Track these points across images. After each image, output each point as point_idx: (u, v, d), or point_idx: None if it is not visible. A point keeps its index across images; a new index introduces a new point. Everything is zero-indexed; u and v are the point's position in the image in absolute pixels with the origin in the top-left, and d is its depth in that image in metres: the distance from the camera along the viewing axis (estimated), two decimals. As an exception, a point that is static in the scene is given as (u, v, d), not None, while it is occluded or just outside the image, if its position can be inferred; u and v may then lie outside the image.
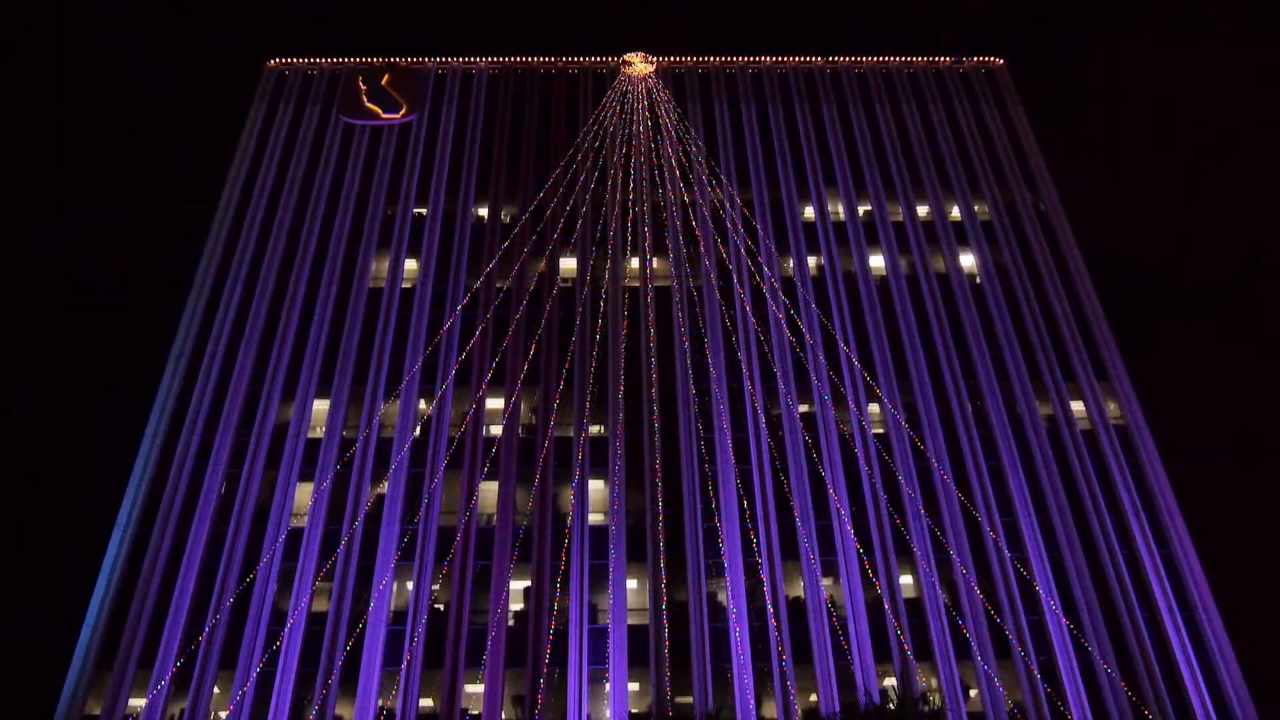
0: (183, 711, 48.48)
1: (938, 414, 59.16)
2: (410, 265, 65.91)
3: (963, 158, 73.13)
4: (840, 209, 69.76)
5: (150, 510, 54.37)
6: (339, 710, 48.60)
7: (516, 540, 53.28)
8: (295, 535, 53.51)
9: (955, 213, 70.00)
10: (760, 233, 67.32)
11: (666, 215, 68.15)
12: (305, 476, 55.98)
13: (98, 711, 48.41)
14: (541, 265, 65.08)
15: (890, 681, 49.23)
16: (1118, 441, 58.47)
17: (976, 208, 70.33)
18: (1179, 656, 50.68)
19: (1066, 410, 59.67)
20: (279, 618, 51.03)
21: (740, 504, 54.69)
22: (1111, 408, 60.30)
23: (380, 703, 48.25)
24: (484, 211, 68.99)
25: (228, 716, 48.02)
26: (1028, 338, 62.94)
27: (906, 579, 53.33)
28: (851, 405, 59.02)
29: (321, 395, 59.27)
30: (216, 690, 49.29)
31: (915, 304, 64.53)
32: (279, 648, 49.82)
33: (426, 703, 48.88)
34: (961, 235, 68.71)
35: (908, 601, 52.28)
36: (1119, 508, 55.82)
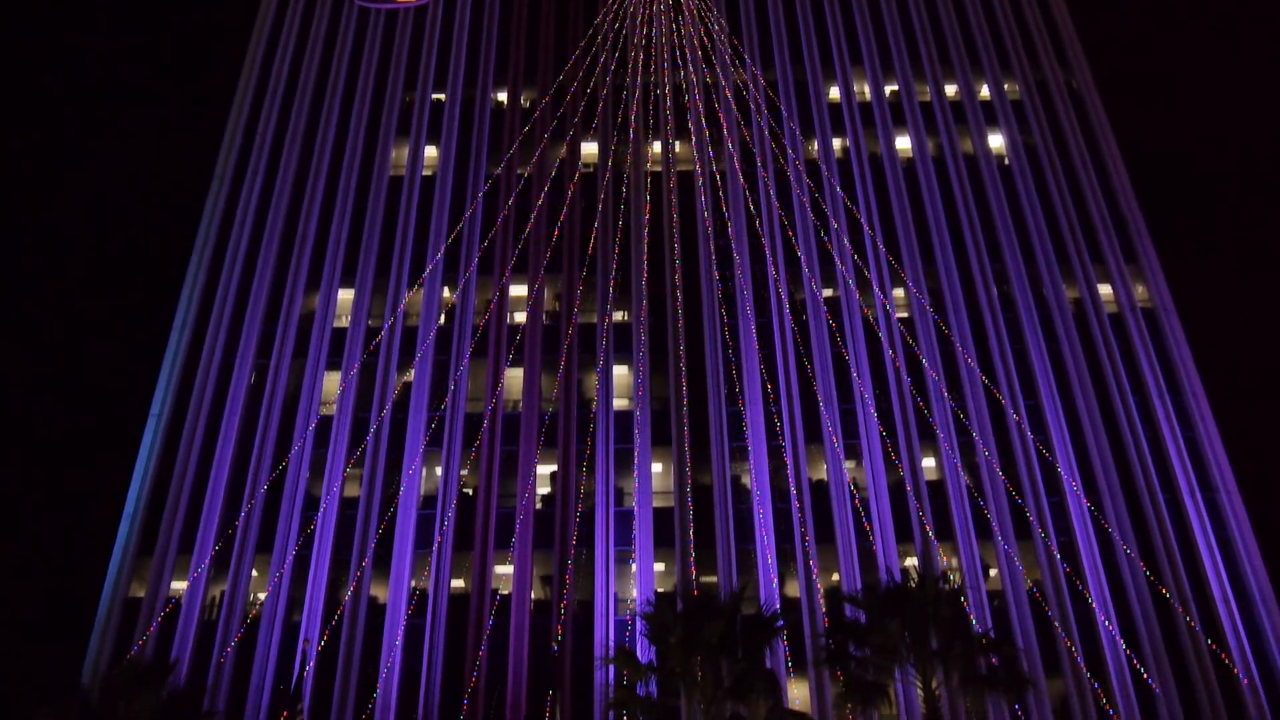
0: (223, 594, 50.00)
1: (963, 297, 58.74)
2: (430, 152, 65.23)
3: (993, 34, 70.88)
4: (866, 89, 68.15)
5: (182, 400, 55.19)
6: (373, 591, 50.01)
7: (542, 426, 53.89)
8: (325, 423, 54.31)
9: (984, 92, 68.27)
10: (784, 114, 66.00)
11: (688, 97, 66.84)
12: (333, 365, 56.55)
13: (141, 594, 49.96)
14: (562, 151, 64.26)
15: (911, 561, 50.06)
16: (1144, 324, 58.00)
17: (1006, 86, 68.49)
18: (1198, 536, 51.08)
19: (1093, 293, 59.07)
20: (312, 503, 52.16)
21: (764, 388, 54.95)
22: (1139, 290, 59.65)
23: (413, 584, 49.58)
24: (503, 96, 67.86)
25: (266, 598, 49.49)
26: (1056, 220, 61.95)
27: (929, 461, 53.75)
28: (876, 289, 58.65)
29: (345, 285, 59.44)
30: (255, 573, 50.76)
31: (942, 186, 63.46)
32: (313, 532, 51.04)
33: (458, 583, 50.19)
34: (990, 115, 67.10)
35: (930, 483, 52.78)
36: (1143, 390, 55.67)
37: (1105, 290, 59.58)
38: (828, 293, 59.05)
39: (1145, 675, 47.16)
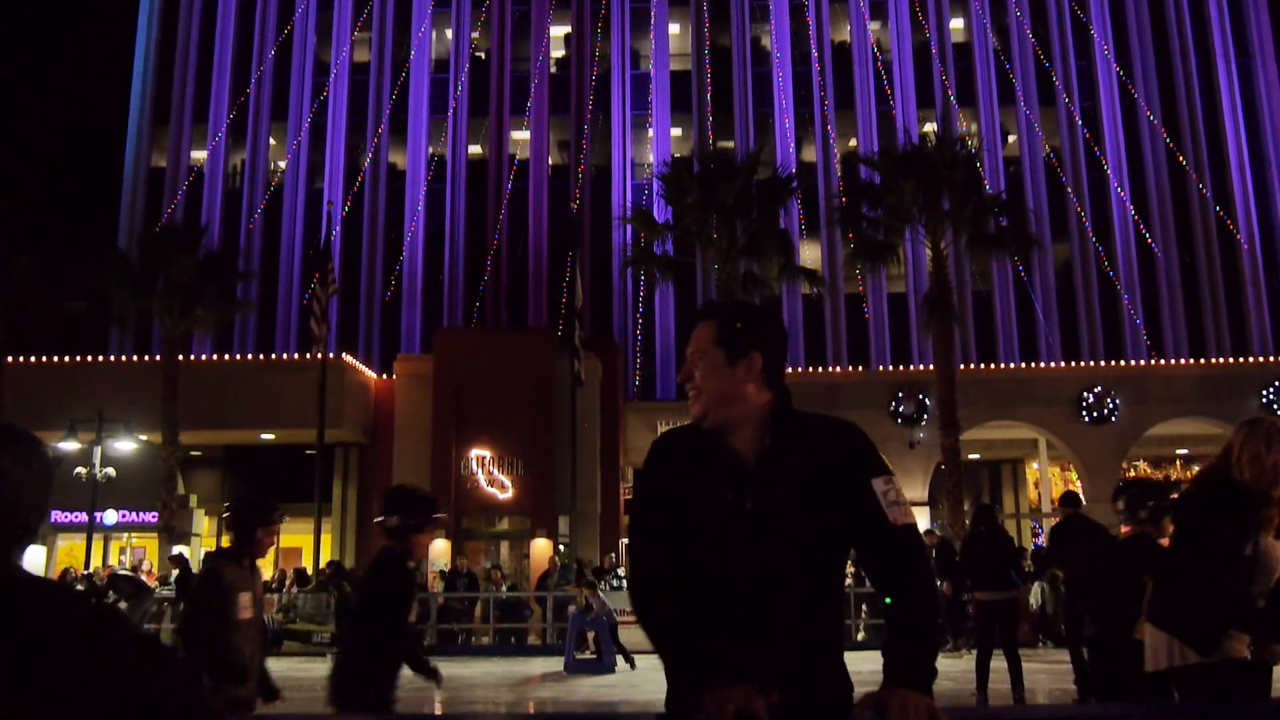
0: (243, 162, 50.46)
1: None
2: None
3: None
4: None
5: (175, -36, 52.35)
6: (391, 158, 50.31)
7: (554, -16, 51.32)
8: (326, -16, 51.78)
9: None
10: None
11: None
12: (328, -81, 52.85)
13: (163, 165, 50.47)
14: None
15: (931, 127, 49.45)
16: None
17: None
18: (1224, 102, 49.97)
19: None
20: (322, 69, 51.04)
21: (788, -58, 51.53)
22: None
23: (430, 150, 49.71)
24: None
25: (287, 165, 49.96)
26: None
27: (957, 22, 51.54)
28: None
29: None
30: (273, 141, 50.83)
31: None
32: (326, 99, 50.44)
33: (475, 149, 50.28)
34: None
35: (956, 45, 50.99)
36: (1193, -55, 51.99)
37: None
38: None
39: (1150, 240, 48.22)
